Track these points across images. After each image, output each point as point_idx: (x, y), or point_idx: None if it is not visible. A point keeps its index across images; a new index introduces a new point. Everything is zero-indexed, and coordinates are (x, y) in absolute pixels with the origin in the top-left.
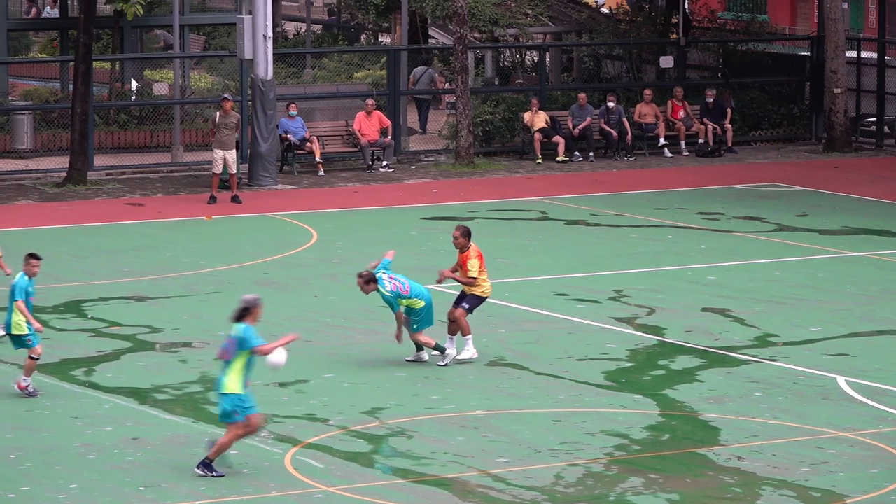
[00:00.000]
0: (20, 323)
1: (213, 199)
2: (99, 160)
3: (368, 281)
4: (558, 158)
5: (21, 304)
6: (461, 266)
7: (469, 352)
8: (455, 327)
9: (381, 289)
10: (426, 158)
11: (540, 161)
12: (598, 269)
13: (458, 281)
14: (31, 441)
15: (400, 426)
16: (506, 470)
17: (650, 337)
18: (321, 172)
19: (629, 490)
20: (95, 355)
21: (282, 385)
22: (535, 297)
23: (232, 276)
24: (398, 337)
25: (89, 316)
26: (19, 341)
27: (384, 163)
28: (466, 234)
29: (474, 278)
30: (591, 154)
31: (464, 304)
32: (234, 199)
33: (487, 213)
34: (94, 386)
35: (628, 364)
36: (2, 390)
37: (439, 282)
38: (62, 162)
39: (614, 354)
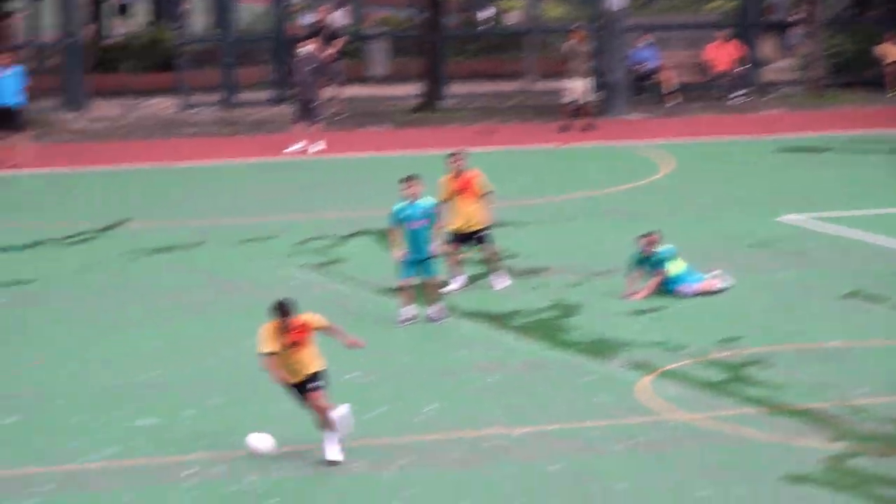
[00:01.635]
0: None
1: (564, 128)
2: (451, 88)
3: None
4: None
5: (393, 230)
6: None
7: None
8: None
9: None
10: (778, 89)
11: (892, 94)
12: None
13: None
14: (389, 364)
15: (755, 355)
16: (865, 401)
17: None
18: (673, 103)
19: None
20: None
21: (639, 312)
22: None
23: (583, 205)
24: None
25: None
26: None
27: (736, 93)
28: None
29: None
30: None
31: None
32: (586, 128)
33: (841, 145)
34: (450, 310)
35: None
36: (353, 314)
37: None
38: (416, 89)
39: None
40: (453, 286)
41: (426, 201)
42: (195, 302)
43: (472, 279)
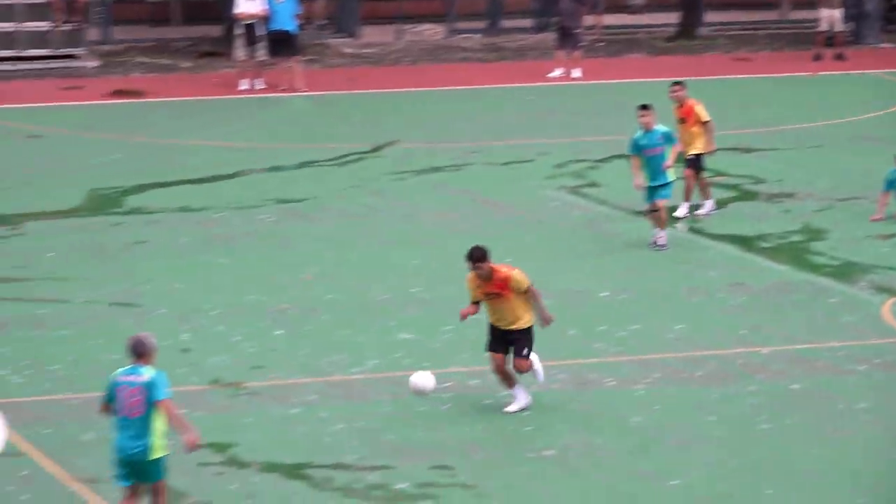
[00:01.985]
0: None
1: (817, 57)
2: (710, 16)
3: None
4: None
5: (632, 158)
6: None
7: None
8: None
9: None
10: None
11: None
12: None
13: None
14: (640, 284)
15: None
16: None
17: None
18: None
19: None
20: (698, 203)
21: (885, 237)
22: None
23: (832, 132)
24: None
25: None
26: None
27: None
28: None
29: None
30: None
31: None
32: (839, 56)
33: None
34: (698, 232)
35: None
36: (607, 235)
37: None
38: (673, 17)
39: None
40: (703, 210)
41: (661, 128)
42: (458, 221)
43: (722, 203)
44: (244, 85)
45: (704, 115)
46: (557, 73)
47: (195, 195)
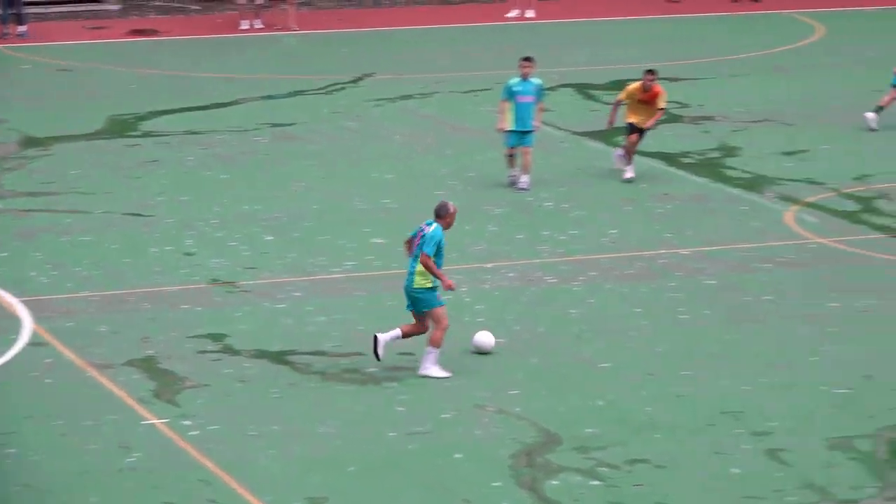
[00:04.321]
0: None
1: None
2: None
3: None
4: None
5: (502, 102)
6: None
7: None
8: None
9: None
10: None
11: None
12: None
13: None
14: (578, 194)
15: (883, 190)
16: None
17: None
18: None
19: None
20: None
21: (786, 154)
22: None
23: (748, 64)
24: None
25: None
26: None
27: None
28: None
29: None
30: None
31: None
32: None
33: None
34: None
35: None
36: (551, 153)
37: None
38: None
39: None
40: (629, 174)
41: (536, 80)
42: (424, 142)
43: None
44: (244, 25)
45: (663, 104)
46: (513, 13)
47: (200, 120)
